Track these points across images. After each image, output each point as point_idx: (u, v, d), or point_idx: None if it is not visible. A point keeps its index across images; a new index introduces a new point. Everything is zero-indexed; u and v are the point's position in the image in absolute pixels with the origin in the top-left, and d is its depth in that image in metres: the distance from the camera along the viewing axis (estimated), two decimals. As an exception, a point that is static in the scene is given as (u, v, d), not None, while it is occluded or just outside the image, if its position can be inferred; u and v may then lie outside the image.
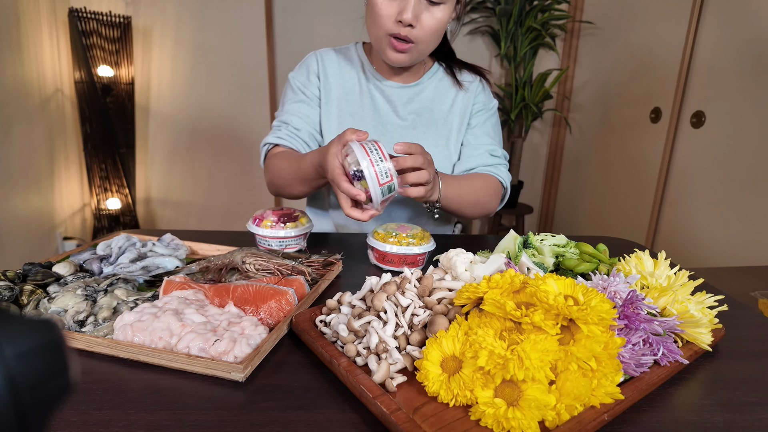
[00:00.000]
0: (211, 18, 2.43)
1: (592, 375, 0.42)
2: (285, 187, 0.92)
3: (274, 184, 0.94)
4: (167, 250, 0.76)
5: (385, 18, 0.85)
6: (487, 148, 1.01)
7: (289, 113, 0.98)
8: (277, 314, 0.58)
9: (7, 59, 1.89)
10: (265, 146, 0.98)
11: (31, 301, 0.59)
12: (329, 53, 1.03)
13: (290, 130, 0.97)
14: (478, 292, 0.48)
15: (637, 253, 0.64)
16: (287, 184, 0.90)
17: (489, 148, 1.01)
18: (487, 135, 1.03)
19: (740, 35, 1.72)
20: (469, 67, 1.07)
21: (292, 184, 0.89)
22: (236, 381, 0.48)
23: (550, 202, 2.99)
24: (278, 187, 0.94)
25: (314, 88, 1.00)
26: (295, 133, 0.97)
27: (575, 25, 2.63)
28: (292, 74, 1.02)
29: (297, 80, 1.01)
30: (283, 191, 0.94)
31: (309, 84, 1.00)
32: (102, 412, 0.43)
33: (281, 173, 0.90)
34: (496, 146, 1.02)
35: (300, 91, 1.00)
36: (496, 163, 1.01)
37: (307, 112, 0.99)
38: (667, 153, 2.04)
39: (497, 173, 0.99)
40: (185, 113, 2.53)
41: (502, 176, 0.99)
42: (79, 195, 2.46)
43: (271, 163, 0.94)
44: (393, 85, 1.01)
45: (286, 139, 0.95)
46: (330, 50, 1.04)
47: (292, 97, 1.00)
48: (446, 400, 0.43)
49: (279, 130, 0.97)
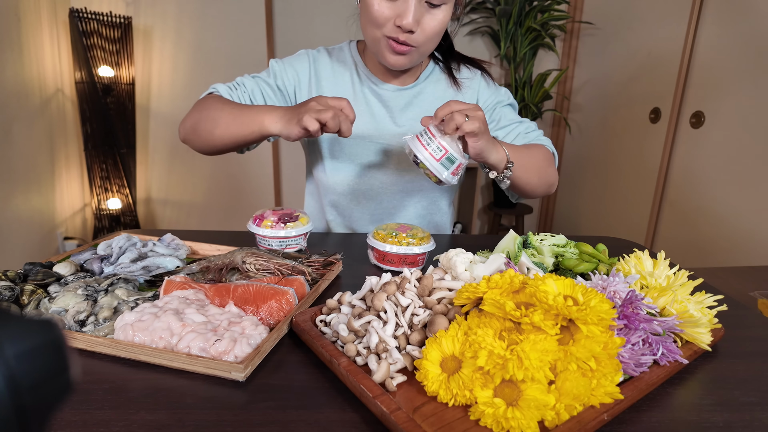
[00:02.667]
0: (212, 18, 2.43)
1: (592, 375, 0.42)
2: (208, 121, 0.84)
3: (198, 116, 0.86)
4: (168, 250, 0.76)
5: (382, 20, 0.80)
6: (519, 130, 0.97)
7: (254, 83, 0.93)
8: (278, 314, 0.58)
9: (7, 59, 1.89)
10: (212, 90, 0.91)
11: (31, 300, 0.60)
12: (323, 55, 0.98)
13: (245, 96, 0.91)
14: (477, 292, 0.48)
15: (636, 253, 0.64)
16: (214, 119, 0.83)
17: (522, 129, 0.97)
18: (512, 123, 0.98)
19: (740, 35, 1.72)
20: (468, 61, 1.03)
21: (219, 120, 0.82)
22: (237, 381, 0.48)
23: (549, 202, 2.99)
24: (200, 120, 0.85)
25: (288, 82, 0.96)
26: (246, 102, 0.91)
27: (575, 25, 2.63)
28: (274, 60, 0.97)
29: (276, 66, 0.96)
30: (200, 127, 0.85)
31: (285, 75, 0.96)
32: (102, 411, 0.43)
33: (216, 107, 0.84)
34: (527, 125, 0.98)
35: (273, 75, 0.95)
36: (536, 137, 0.97)
37: (269, 94, 0.94)
38: (667, 153, 2.04)
39: (542, 142, 0.95)
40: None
41: (546, 143, 0.96)
42: (79, 195, 2.47)
43: (209, 99, 0.87)
44: (389, 88, 0.97)
45: (236, 100, 0.90)
46: (324, 51, 0.99)
47: (264, 75, 0.96)
48: (445, 400, 0.43)
49: (235, 89, 0.91)
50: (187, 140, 0.90)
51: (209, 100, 0.87)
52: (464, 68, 1.02)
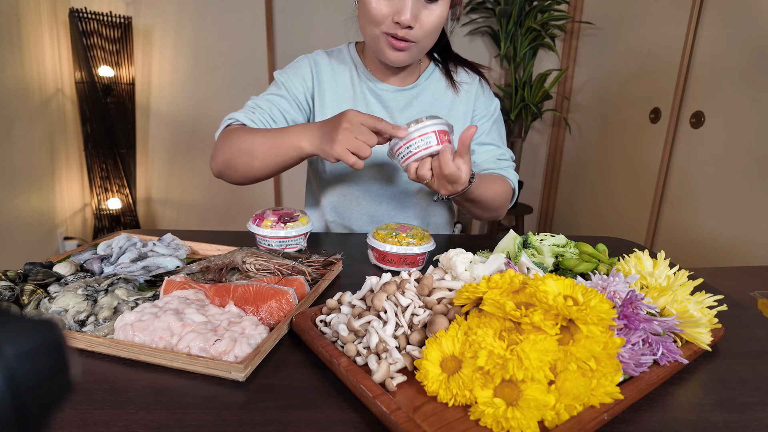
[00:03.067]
0: (211, 18, 2.43)
1: (592, 375, 0.42)
2: (244, 156, 0.83)
3: (231, 153, 0.85)
4: (168, 250, 0.76)
5: (381, 18, 0.81)
6: (494, 154, 1.01)
7: (269, 102, 0.93)
8: (278, 314, 0.58)
9: (7, 59, 1.89)
10: (230, 120, 0.90)
11: (31, 300, 0.60)
12: (322, 57, 0.98)
13: (265, 117, 0.91)
14: (477, 292, 0.48)
15: (636, 253, 0.64)
16: (250, 152, 0.82)
17: (497, 154, 1.01)
18: (493, 143, 1.02)
19: (740, 35, 1.72)
20: (467, 64, 1.03)
21: (256, 153, 0.81)
22: (236, 381, 0.48)
23: (549, 202, 2.99)
24: (234, 156, 0.84)
25: (299, 90, 0.96)
26: (269, 124, 0.91)
27: (575, 25, 2.63)
28: (277, 72, 0.98)
29: (282, 77, 0.96)
30: (237, 163, 0.84)
31: (294, 85, 0.95)
32: (102, 411, 0.43)
33: (247, 140, 0.82)
34: (503, 150, 1.02)
35: (284, 87, 0.95)
36: (506, 167, 1.00)
37: (287, 108, 0.94)
38: (667, 153, 2.04)
39: (508, 176, 0.99)
40: (185, 113, 2.53)
41: (512, 179, 0.99)
42: (79, 195, 2.47)
43: (234, 133, 0.86)
44: (389, 88, 0.97)
45: (258, 124, 0.89)
46: (322, 53, 0.99)
47: (274, 91, 0.95)
48: (445, 400, 0.43)
49: (253, 113, 0.90)
50: (222, 175, 0.90)
51: (235, 132, 0.86)
52: (463, 72, 1.03)
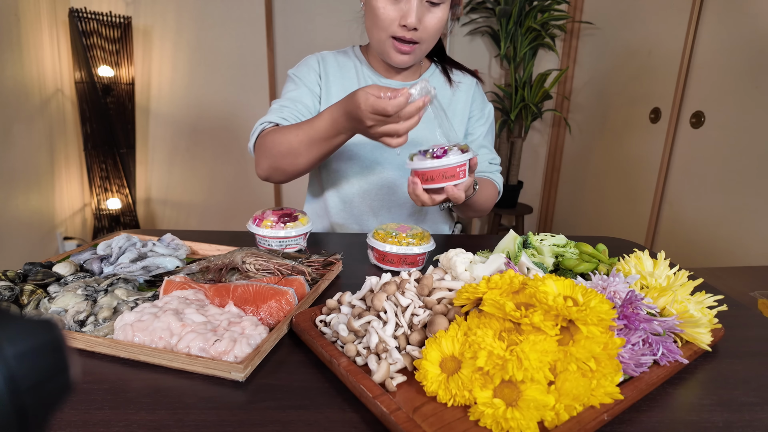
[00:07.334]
0: (211, 18, 2.43)
1: (592, 375, 0.42)
2: (287, 157, 0.84)
3: (273, 157, 0.86)
4: (167, 250, 0.76)
5: (388, 22, 0.86)
6: (487, 157, 1.05)
7: (292, 99, 0.96)
8: (277, 314, 0.58)
9: (7, 59, 1.89)
10: (262, 125, 0.91)
11: (31, 301, 0.59)
12: (329, 55, 1.03)
13: (293, 112, 0.93)
14: (477, 292, 0.48)
15: (636, 253, 0.64)
16: (292, 152, 0.83)
17: (489, 158, 1.06)
18: (487, 146, 1.07)
19: (740, 35, 1.72)
20: (461, 68, 1.09)
21: (298, 152, 0.82)
22: (236, 381, 0.48)
23: (549, 202, 2.99)
24: (278, 159, 0.85)
25: (314, 83, 1.00)
26: (298, 117, 0.93)
27: (575, 25, 2.63)
28: (291, 70, 1.02)
29: (297, 74, 1.00)
30: (283, 164, 0.86)
31: (310, 79, 0.99)
32: (102, 411, 0.43)
33: (285, 142, 0.83)
34: (494, 155, 1.07)
35: (302, 84, 0.99)
36: (495, 170, 1.06)
37: (309, 102, 0.97)
38: (667, 153, 2.04)
39: (495, 180, 1.04)
40: (185, 113, 2.53)
41: (499, 183, 1.05)
42: (79, 195, 2.47)
43: (270, 137, 0.86)
44: (393, 83, 1.01)
45: (290, 120, 0.91)
46: (329, 53, 1.04)
47: (293, 88, 0.99)
48: (445, 400, 0.43)
49: (281, 111, 0.92)
50: (270, 179, 0.92)
51: (269, 136, 0.87)
52: (459, 73, 1.08)
